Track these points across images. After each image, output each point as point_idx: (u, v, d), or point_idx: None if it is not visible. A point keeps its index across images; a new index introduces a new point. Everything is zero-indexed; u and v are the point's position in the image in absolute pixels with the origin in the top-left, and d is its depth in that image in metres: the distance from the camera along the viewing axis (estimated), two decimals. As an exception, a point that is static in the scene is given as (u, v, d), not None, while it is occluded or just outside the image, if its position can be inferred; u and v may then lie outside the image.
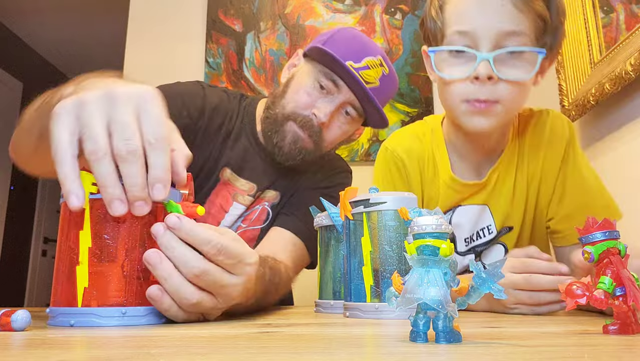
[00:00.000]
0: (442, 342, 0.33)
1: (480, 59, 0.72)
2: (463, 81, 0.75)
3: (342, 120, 0.96)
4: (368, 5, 1.86)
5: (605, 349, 0.33)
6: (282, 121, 0.94)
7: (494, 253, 0.92)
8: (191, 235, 0.45)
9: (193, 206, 0.49)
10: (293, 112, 0.94)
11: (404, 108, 1.79)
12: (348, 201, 0.64)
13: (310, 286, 1.01)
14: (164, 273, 0.45)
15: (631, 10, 1.15)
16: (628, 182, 1.14)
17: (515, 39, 0.73)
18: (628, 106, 1.17)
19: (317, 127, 0.93)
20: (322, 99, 0.93)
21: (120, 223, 0.48)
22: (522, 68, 0.74)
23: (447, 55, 0.77)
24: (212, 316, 0.53)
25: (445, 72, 0.78)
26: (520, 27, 0.73)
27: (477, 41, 0.74)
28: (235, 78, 1.82)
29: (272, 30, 1.86)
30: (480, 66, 0.72)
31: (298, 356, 0.30)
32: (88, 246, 0.48)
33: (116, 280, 0.47)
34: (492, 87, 0.74)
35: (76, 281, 0.47)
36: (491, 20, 0.73)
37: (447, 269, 0.34)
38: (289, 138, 0.94)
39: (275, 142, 0.95)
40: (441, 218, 0.35)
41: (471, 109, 0.76)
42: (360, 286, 0.60)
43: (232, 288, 0.49)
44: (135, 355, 0.30)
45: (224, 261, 0.47)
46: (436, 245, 0.34)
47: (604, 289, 0.38)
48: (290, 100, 0.95)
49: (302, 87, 0.94)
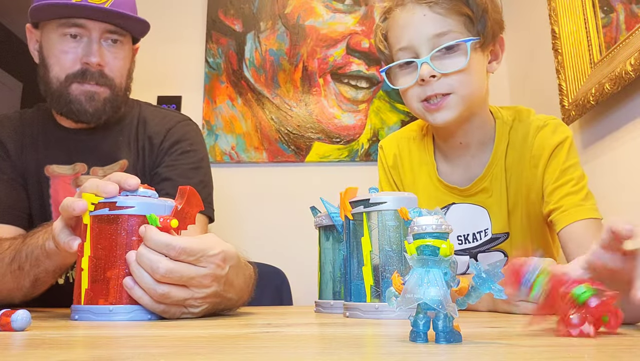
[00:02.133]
0: (442, 342, 0.33)
1: (421, 62, 0.84)
2: (413, 86, 0.86)
3: (113, 50, 0.95)
4: (368, 5, 1.86)
5: (605, 349, 0.33)
6: (66, 89, 0.93)
7: (493, 259, 0.92)
8: (153, 242, 0.55)
9: (169, 219, 0.58)
10: (67, 76, 0.93)
11: (403, 108, 1.79)
12: (348, 201, 0.64)
13: (310, 286, 1.01)
14: (136, 271, 0.55)
15: (631, 10, 1.15)
16: (628, 182, 1.14)
17: (445, 38, 0.84)
18: (628, 106, 1.17)
19: (96, 72, 0.92)
20: (81, 47, 0.92)
21: (114, 236, 0.58)
22: (457, 59, 0.84)
23: (398, 70, 0.90)
24: (195, 308, 0.58)
25: (399, 84, 0.90)
26: (446, 27, 0.84)
27: (417, 50, 0.85)
28: (235, 78, 1.82)
29: (272, 30, 1.86)
30: (422, 69, 0.84)
31: (298, 356, 0.30)
32: (88, 254, 0.58)
33: (108, 283, 0.57)
34: (438, 83, 0.84)
35: (81, 284, 0.58)
36: (421, 30, 0.85)
37: (447, 269, 0.34)
38: (84, 99, 0.93)
39: (76, 109, 0.94)
40: (441, 218, 0.35)
41: (429, 107, 0.86)
42: (360, 286, 0.60)
43: (202, 278, 0.56)
44: (135, 355, 0.30)
45: (187, 258, 0.55)
46: (436, 245, 0.34)
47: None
48: (57, 67, 0.93)
49: (56, 50, 0.93)
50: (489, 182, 0.92)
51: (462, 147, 0.94)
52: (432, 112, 0.86)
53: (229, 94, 1.81)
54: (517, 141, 0.92)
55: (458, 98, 0.85)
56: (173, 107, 1.81)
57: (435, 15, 0.84)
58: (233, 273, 0.60)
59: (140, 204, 0.59)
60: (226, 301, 0.62)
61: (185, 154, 1.03)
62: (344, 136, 1.76)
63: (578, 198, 0.85)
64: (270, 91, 1.81)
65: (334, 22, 1.85)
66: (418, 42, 0.85)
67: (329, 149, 1.76)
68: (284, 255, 1.56)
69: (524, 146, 0.91)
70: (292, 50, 1.84)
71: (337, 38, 1.84)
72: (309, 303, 1.04)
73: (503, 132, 0.93)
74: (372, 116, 1.75)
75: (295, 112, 1.79)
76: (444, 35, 0.84)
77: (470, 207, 0.93)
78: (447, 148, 0.96)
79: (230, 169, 1.77)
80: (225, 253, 0.58)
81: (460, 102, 0.85)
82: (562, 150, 0.89)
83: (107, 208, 0.59)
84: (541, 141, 0.90)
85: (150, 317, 0.57)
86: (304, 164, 1.76)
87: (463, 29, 0.85)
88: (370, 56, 1.81)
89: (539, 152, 0.90)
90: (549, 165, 0.89)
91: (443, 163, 0.98)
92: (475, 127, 0.92)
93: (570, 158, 0.89)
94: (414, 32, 0.86)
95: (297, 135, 1.77)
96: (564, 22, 1.40)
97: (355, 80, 1.79)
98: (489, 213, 0.92)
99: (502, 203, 0.91)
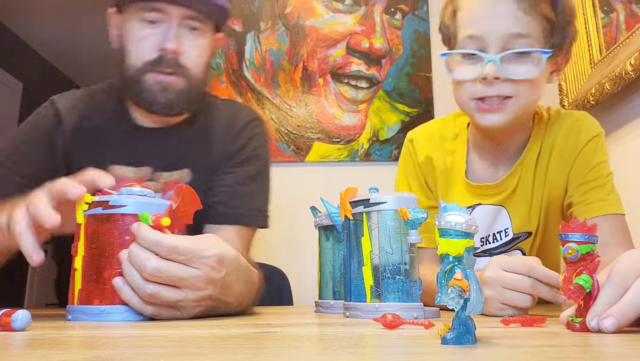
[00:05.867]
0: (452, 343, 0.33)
1: (488, 60, 0.77)
2: (472, 82, 0.80)
3: (191, 38, 0.91)
4: (368, 5, 1.86)
5: (605, 349, 0.33)
6: (140, 77, 0.89)
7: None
8: (143, 240, 0.53)
9: (160, 217, 0.56)
10: (144, 63, 0.88)
11: (404, 108, 1.79)
12: (348, 201, 0.64)
13: (310, 286, 1.01)
14: (126, 269, 0.54)
15: (631, 10, 1.15)
16: (628, 182, 1.14)
17: (522, 41, 0.77)
18: (628, 106, 1.17)
19: (172, 59, 0.88)
20: (158, 33, 0.88)
21: (107, 236, 0.58)
22: (528, 67, 0.78)
23: (460, 58, 0.82)
24: (186, 310, 0.56)
25: (457, 74, 0.83)
26: (527, 29, 0.78)
27: (486, 44, 0.78)
28: (235, 78, 1.82)
29: (272, 30, 1.86)
30: (488, 67, 0.77)
31: (298, 356, 0.30)
32: (82, 254, 0.58)
33: (102, 282, 0.57)
34: (500, 85, 0.78)
35: (75, 284, 0.58)
36: (499, 25, 0.78)
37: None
38: (157, 89, 0.88)
39: (149, 99, 0.89)
40: (472, 218, 0.35)
41: (482, 107, 0.81)
42: (360, 286, 0.60)
43: (194, 279, 0.54)
44: (135, 355, 0.30)
45: (178, 258, 0.53)
46: (471, 245, 0.34)
47: (581, 284, 0.42)
48: (134, 54, 0.89)
49: (134, 37, 0.89)
50: (517, 179, 0.88)
51: (500, 149, 0.90)
52: (484, 113, 0.81)
53: (229, 94, 1.81)
54: (550, 138, 0.89)
55: (517, 105, 0.80)
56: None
57: (520, 12, 0.77)
58: (232, 276, 0.58)
59: (133, 203, 0.58)
60: (224, 305, 0.60)
61: (247, 161, 0.98)
62: (344, 136, 1.76)
63: (602, 193, 0.83)
64: (270, 91, 1.81)
65: (334, 22, 1.85)
66: (492, 36, 0.78)
67: (329, 149, 1.76)
68: (284, 255, 1.56)
69: (554, 143, 0.88)
70: (292, 50, 1.84)
71: (337, 38, 1.84)
72: (309, 303, 1.04)
73: (539, 132, 0.90)
74: (372, 116, 1.75)
75: (295, 112, 1.79)
76: (521, 37, 0.77)
77: (493, 208, 0.90)
78: (483, 150, 0.92)
79: (230, 169, 1.77)
80: (222, 255, 0.56)
81: (517, 109, 0.81)
82: (592, 146, 0.86)
83: (100, 207, 0.58)
84: (571, 137, 0.87)
85: (143, 317, 0.56)
86: (304, 164, 1.76)
87: (541, 35, 0.79)
88: (370, 56, 1.81)
89: (568, 148, 0.87)
90: (577, 161, 0.86)
91: (475, 164, 0.93)
92: (517, 133, 0.89)
93: (601, 155, 0.86)
94: (493, 24, 0.78)
95: (297, 135, 1.77)
96: (564, 22, 1.40)
97: (355, 80, 1.79)
98: (509, 212, 0.90)
99: (527, 201, 0.88)
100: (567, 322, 0.44)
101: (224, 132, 0.99)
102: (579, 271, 0.43)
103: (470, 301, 0.33)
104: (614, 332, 0.39)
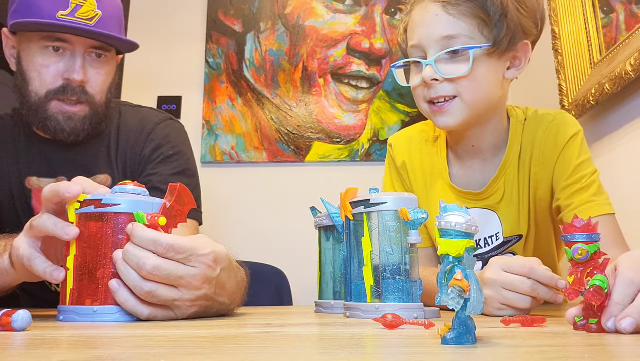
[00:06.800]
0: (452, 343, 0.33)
1: (424, 64, 0.82)
2: (419, 86, 0.85)
3: (96, 65, 0.92)
4: (368, 5, 1.86)
5: (605, 349, 0.33)
6: (44, 105, 0.89)
7: None
8: (139, 238, 0.53)
9: (157, 216, 0.56)
10: (47, 91, 0.88)
11: (403, 108, 1.79)
12: (348, 201, 0.64)
13: (310, 286, 1.01)
14: (122, 268, 0.53)
15: (631, 10, 1.15)
16: (628, 182, 1.14)
17: (454, 41, 0.81)
18: (628, 106, 1.17)
19: (77, 87, 0.89)
20: (63, 61, 0.88)
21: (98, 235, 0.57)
22: (459, 65, 0.81)
23: (412, 66, 0.88)
24: (181, 310, 0.56)
25: (410, 81, 0.89)
26: (456, 30, 0.81)
27: (425, 50, 0.84)
28: (235, 78, 1.82)
29: (272, 30, 1.86)
30: (425, 70, 0.82)
31: (298, 356, 0.30)
32: (74, 253, 0.56)
33: (94, 282, 0.56)
34: (440, 86, 0.82)
35: (66, 284, 0.56)
36: (429, 30, 0.83)
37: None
38: (61, 118, 0.89)
39: (53, 127, 0.90)
40: (471, 218, 0.35)
41: (433, 109, 0.85)
42: (360, 286, 0.60)
43: (191, 278, 0.54)
44: (136, 355, 0.30)
45: (175, 256, 0.53)
46: (471, 245, 0.34)
47: (599, 285, 0.41)
48: (37, 81, 0.89)
49: (37, 64, 0.89)
50: (503, 183, 0.89)
51: (475, 150, 0.92)
52: (436, 115, 0.85)
53: (229, 94, 1.81)
54: (528, 139, 0.90)
55: (462, 103, 0.83)
56: (173, 107, 1.81)
57: (447, 15, 0.82)
58: (225, 275, 0.58)
59: (126, 201, 0.57)
60: (218, 305, 0.60)
61: (167, 160, 0.99)
62: (344, 136, 1.76)
63: (589, 194, 0.83)
64: (270, 91, 1.81)
65: (334, 22, 1.85)
66: (427, 41, 0.83)
67: (329, 149, 1.76)
68: (284, 255, 1.56)
69: (534, 143, 0.89)
70: (292, 50, 1.84)
71: (337, 38, 1.84)
72: (309, 303, 1.04)
73: (516, 132, 0.91)
74: (372, 116, 1.75)
75: (295, 112, 1.79)
76: (452, 38, 0.81)
77: (482, 211, 0.91)
78: (460, 151, 0.94)
79: (230, 169, 1.77)
80: (217, 253, 0.56)
81: (464, 108, 0.83)
82: (573, 145, 0.87)
83: (93, 205, 0.57)
84: (550, 137, 0.88)
85: (135, 318, 0.55)
86: (304, 164, 1.76)
87: (475, 33, 0.82)
88: (370, 56, 1.81)
89: (548, 148, 0.88)
90: (559, 161, 0.87)
91: (456, 166, 0.95)
92: (488, 132, 0.90)
93: (582, 154, 0.87)
94: (424, 30, 0.84)
95: (297, 135, 1.77)
96: (564, 22, 1.40)
97: (355, 80, 1.80)
98: (499, 216, 0.90)
99: (515, 204, 0.89)
100: (575, 323, 0.44)
101: (135, 138, 1.00)
102: (589, 271, 0.42)
103: (470, 301, 0.33)
104: (632, 333, 0.39)
